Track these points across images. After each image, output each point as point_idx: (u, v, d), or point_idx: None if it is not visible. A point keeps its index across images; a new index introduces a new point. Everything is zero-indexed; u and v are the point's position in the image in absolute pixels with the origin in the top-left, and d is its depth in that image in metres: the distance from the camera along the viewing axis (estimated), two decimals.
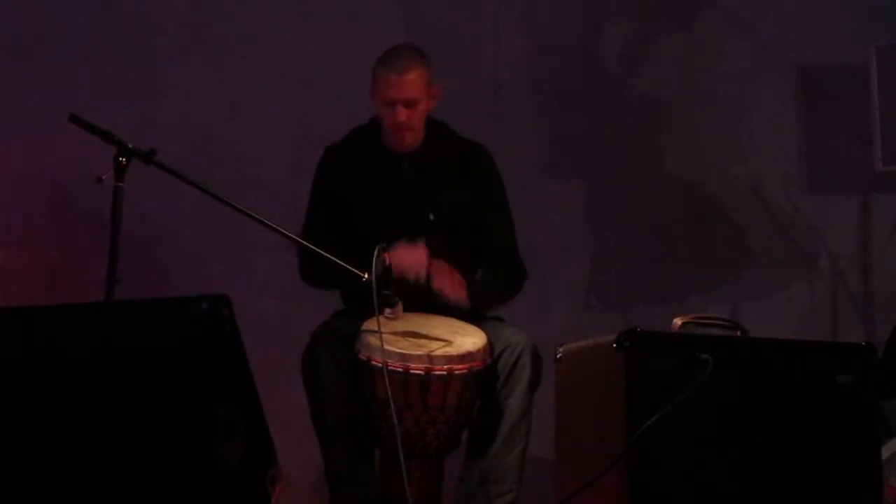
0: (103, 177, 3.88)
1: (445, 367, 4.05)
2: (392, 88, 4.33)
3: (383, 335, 3.99)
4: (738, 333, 4.02)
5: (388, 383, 3.97)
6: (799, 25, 5.74)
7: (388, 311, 4.04)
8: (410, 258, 4.19)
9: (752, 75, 5.76)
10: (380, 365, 4.00)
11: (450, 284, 4.22)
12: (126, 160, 3.90)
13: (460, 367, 4.07)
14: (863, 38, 5.51)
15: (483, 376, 4.16)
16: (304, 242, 4.20)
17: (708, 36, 5.77)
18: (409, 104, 4.34)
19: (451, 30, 5.62)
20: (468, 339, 4.17)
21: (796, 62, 5.74)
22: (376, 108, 4.40)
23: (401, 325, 4.12)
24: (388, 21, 5.52)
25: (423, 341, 4.12)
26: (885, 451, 4.13)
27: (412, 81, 4.34)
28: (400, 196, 4.40)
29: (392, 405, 3.97)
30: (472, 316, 4.36)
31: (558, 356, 4.02)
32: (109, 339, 3.27)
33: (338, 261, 4.08)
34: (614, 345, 3.69)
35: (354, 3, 5.60)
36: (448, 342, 4.13)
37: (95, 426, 3.17)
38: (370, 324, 4.08)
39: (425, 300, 4.28)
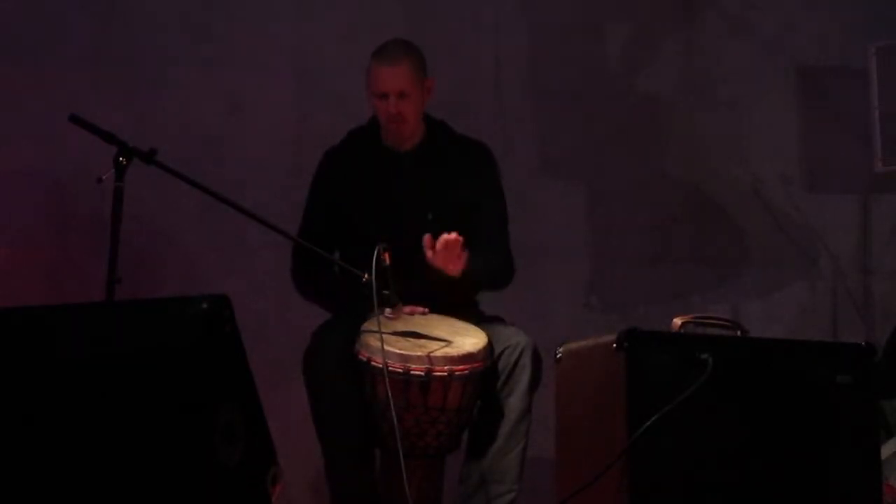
0: (103, 177, 3.88)
1: (446, 367, 4.05)
2: (383, 80, 4.35)
3: (383, 335, 3.99)
4: (738, 333, 4.02)
5: (388, 384, 3.97)
6: (799, 25, 5.74)
7: (388, 311, 4.04)
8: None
9: (752, 75, 5.76)
10: (380, 365, 4.00)
11: (451, 263, 4.19)
12: (126, 160, 3.90)
13: (461, 367, 4.07)
14: (863, 38, 5.51)
15: (484, 377, 4.16)
16: (304, 242, 4.22)
17: (708, 36, 5.77)
18: (401, 95, 4.35)
19: (451, 29, 5.62)
20: (468, 339, 4.17)
21: (796, 62, 5.74)
22: (371, 102, 4.41)
23: (401, 326, 4.12)
24: (388, 21, 5.52)
25: (423, 342, 4.12)
26: (885, 451, 4.13)
27: (403, 72, 4.35)
28: (400, 195, 4.40)
29: (392, 406, 3.97)
30: (472, 315, 4.36)
31: (558, 356, 4.02)
32: (109, 339, 3.27)
33: (337, 261, 4.09)
34: (614, 345, 3.69)
35: (354, 3, 5.60)
36: (448, 343, 4.13)
37: (95, 426, 3.16)
38: (370, 324, 4.09)
39: (426, 300, 4.29)
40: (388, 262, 4.01)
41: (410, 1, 5.62)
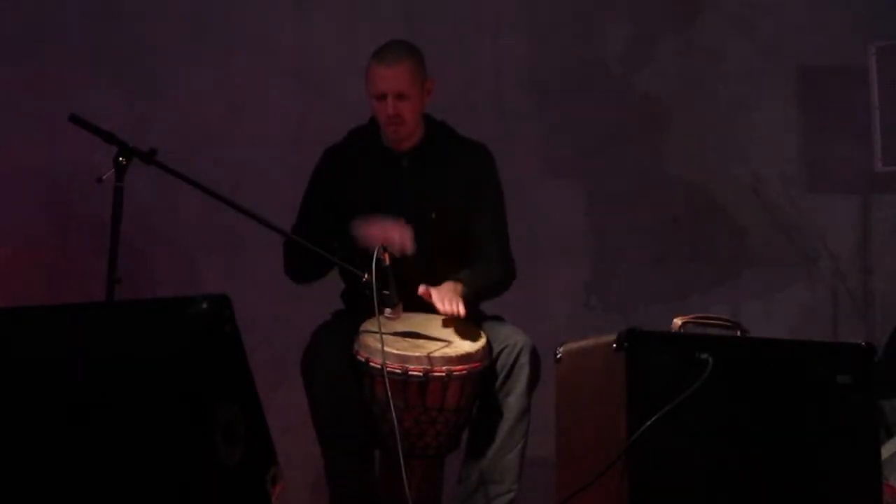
0: (103, 177, 3.87)
1: (444, 368, 4.05)
2: (382, 81, 4.34)
3: (382, 336, 3.99)
4: (738, 333, 4.02)
5: (387, 385, 3.97)
6: (799, 25, 5.75)
7: (388, 311, 4.03)
8: (392, 233, 4.18)
9: (753, 75, 5.76)
10: (378, 366, 4.00)
11: (448, 303, 4.19)
12: (126, 160, 3.90)
13: (459, 368, 4.07)
14: (863, 38, 5.51)
15: (482, 377, 4.16)
16: (300, 239, 4.22)
17: (708, 36, 5.78)
18: (400, 96, 4.34)
19: (451, 29, 5.62)
20: (467, 339, 4.17)
21: (796, 62, 5.74)
22: (370, 103, 4.40)
23: (400, 326, 4.12)
24: (388, 21, 5.53)
25: (421, 342, 4.12)
26: (885, 451, 4.13)
27: (401, 73, 4.34)
28: (399, 195, 4.40)
29: (392, 406, 3.97)
30: (472, 315, 4.36)
31: (558, 356, 4.02)
32: (109, 339, 3.27)
33: (337, 261, 4.09)
34: (614, 345, 3.69)
35: (354, 3, 5.61)
36: (447, 343, 4.13)
37: (95, 426, 3.17)
38: (370, 324, 4.08)
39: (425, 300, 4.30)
40: (387, 262, 4.01)
41: (410, 1, 5.62)
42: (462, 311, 4.16)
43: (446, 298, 4.17)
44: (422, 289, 4.19)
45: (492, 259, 4.43)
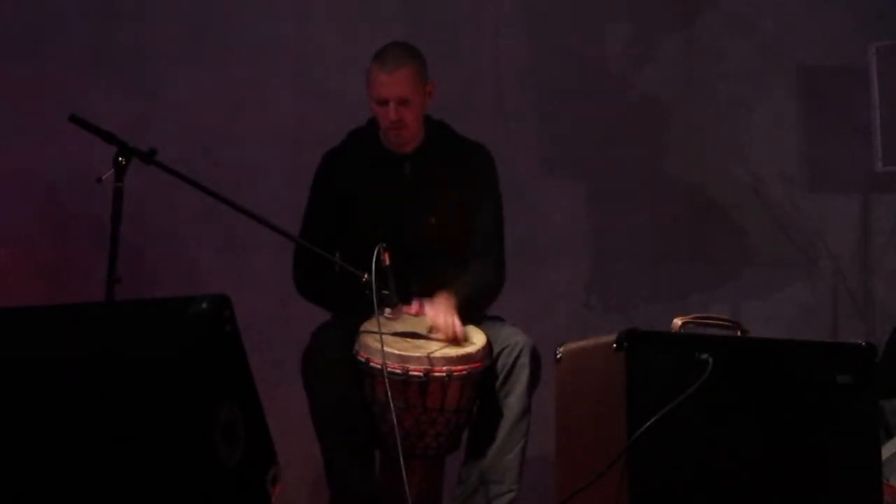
0: (103, 177, 3.87)
1: (444, 368, 4.05)
2: (384, 86, 4.33)
3: (383, 336, 3.99)
4: (738, 333, 4.02)
5: (387, 385, 3.97)
6: (799, 25, 5.75)
7: (387, 311, 4.03)
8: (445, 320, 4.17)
9: (753, 75, 5.77)
10: (379, 366, 4.00)
11: (444, 325, 4.18)
12: (126, 160, 3.90)
13: (459, 368, 4.07)
14: (863, 38, 5.51)
15: (482, 377, 4.16)
16: (304, 242, 4.22)
17: (709, 36, 5.78)
18: (402, 102, 4.33)
19: (451, 29, 5.62)
20: (467, 339, 4.17)
21: (797, 62, 5.74)
22: (371, 106, 4.40)
23: (400, 326, 4.12)
24: (388, 21, 5.53)
25: (422, 342, 4.12)
26: (885, 451, 4.13)
27: (403, 79, 4.33)
28: (401, 197, 4.40)
29: (392, 407, 3.97)
30: (472, 315, 4.36)
31: (558, 356, 4.02)
32: (109, 339, 3.27)
33: (337, 261, 4.09)
34: (614, 345, 3.69)
35: (354, 3, 5.61)
36: (447, 343, 4.12)
37: (95, 426, 3.17)
38: (370, 324, 4.08)
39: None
40: (388, 262, 4.01)
41: (410, 1, 5.62)
42: (459, 329, 4.15)
43: (441, 317, 4.15)
44: (415, 307, 4.20)
45: (488, 262, 4.41)
